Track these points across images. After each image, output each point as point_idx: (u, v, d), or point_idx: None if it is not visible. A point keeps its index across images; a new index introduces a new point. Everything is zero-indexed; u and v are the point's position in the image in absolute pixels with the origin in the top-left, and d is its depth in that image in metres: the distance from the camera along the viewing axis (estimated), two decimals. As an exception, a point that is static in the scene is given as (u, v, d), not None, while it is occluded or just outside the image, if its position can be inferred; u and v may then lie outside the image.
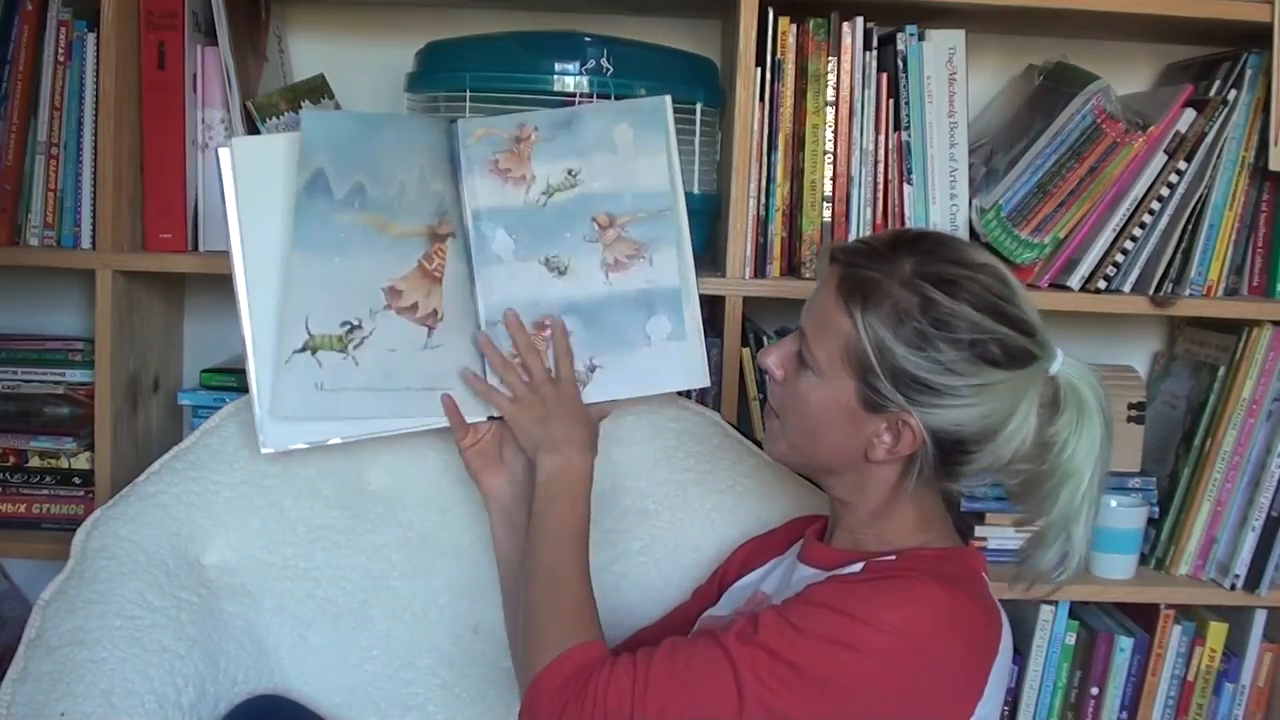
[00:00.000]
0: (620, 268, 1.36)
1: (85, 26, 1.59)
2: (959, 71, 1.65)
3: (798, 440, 1.18)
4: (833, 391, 1.13)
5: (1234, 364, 1.69)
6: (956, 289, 1.09)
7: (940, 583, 1.06)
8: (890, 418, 1.11)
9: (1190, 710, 1.75)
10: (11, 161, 1.62)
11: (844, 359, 1.11)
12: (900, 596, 1.05)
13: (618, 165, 1.36)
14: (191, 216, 1.65)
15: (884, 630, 1.03)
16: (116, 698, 1.23)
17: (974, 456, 1.12)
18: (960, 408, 1.09)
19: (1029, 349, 1.10)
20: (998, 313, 1.09)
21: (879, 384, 1.09)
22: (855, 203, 1.65)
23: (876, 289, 1.10)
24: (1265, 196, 1.74)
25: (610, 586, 1.49)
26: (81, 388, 1.73)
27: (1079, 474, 1.12)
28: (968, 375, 1.08)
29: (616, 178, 1.36)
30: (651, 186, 1.37)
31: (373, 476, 1.49)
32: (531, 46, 1.58)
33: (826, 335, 1.12)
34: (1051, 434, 1.12)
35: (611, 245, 1.36)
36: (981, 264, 1.12)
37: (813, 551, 1.24)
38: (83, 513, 1.63)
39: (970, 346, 1.08)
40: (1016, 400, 1.10)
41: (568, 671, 1.09)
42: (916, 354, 1.08)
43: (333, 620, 1.43)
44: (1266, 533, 1.68)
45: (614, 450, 1.54)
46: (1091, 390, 1.13)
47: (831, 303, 1.12)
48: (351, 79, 1.78)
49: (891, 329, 1.08)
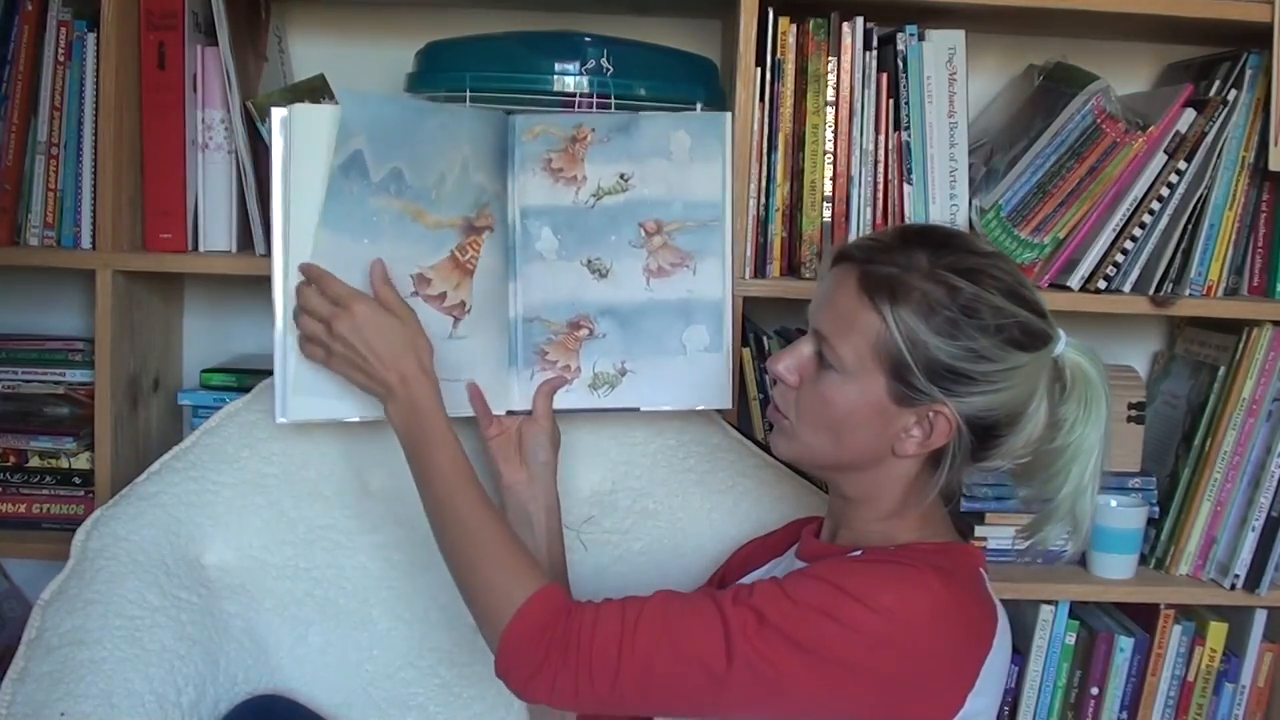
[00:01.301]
0: (663, 274, 1.37)
1: (85, 26, 1.59)
2: (959, 71, 1.65)
3: (818, 439, 1.17)
4: (861, 389, 1.13)
5: (1234, 364, 1.69)
6: (979, 276, 1.11)
7: (937, 573, 1.07)
8: (920, 411, 1.12)
9: (1190, 710, 1.75)
10: (11, 161, 1.62)
11: (875, 355, 1.11)
12: (895, 580, 1.06)
13: (671, 172, 1.37)
14: (191, 216, 1.65)
15: (875, 610, 1.03)
16: (116, 698, 1.23)
17: (1004, 440, 1.14)
18: (992, 393, 1.10)
19: (1045, 330, 1.14)
20: (1018, 297, 1.12)
21: (913, 378, 1.10)
22: (855, 203, 1.65)
23: (901, 283, 1.10)
24: (1265, 196, 1.73)
25: (612, 586, 1.49)
26: (81, 388, 1.73)
27: (1090, 450, 1.15)
28: (998, 360, 1.10)
29: (669, 184, 1.37)
30: (703, 196, 1.38)
31: (373, 477, 1.49)
32: (531, 46, 1.58)
33: (852, 334, 1.12)
34: (1063, 413, 1.15)
35: (656, 252, 1.37)
36: (993, 252, 1.16)
37: (811, 548, 1.24)
38: (83, 513, 1.63)
39: (998, 331, 1.10)
40: (1036, 381, 1.13)
41: (541, 619, 1.07)
42: (950, 343, 1.09)
43: (333, 620, 1.43)
44: (1266, 533, 1.68)
45: (614, 450, 1.54)
46: (1096, 368, 1.16)
47: (854, 300, 1.12)
48: (351, 79, 1.76)
49: (923, 320, 1.09)
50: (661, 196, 1.37)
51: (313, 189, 1.24)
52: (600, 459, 1.54)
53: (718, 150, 1.38)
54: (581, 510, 1.52)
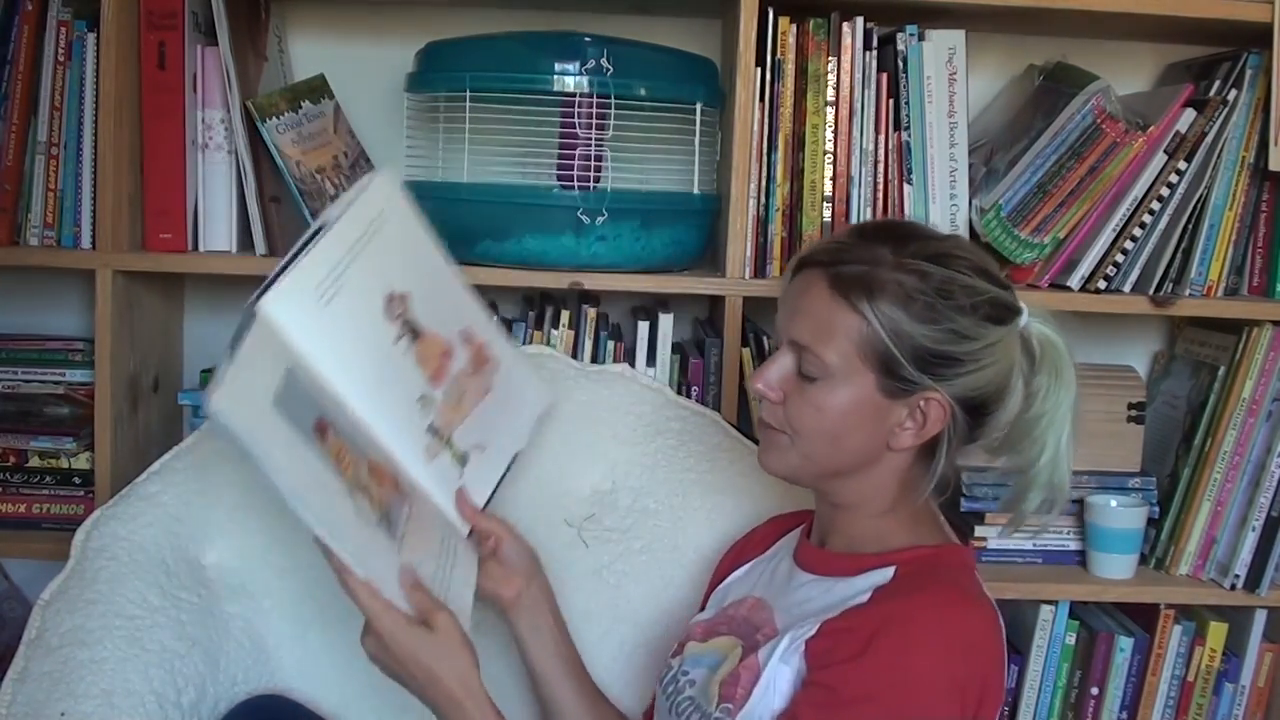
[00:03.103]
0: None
1: (85, 26, 1.59)
2: (959, 71, 1.65)
3: (817, 450, 1.16)
4: (851, 391, 1.13)
5: (1234, 364, 1.69)
6: (946, 259, 1.12)
7: (946, 611, 1.08)
8: (911, 402, 1.13)
9: (1190, 710, 1.75)
10: (11, 161, 1.62)
11: (860, 354, 1.11)
12: (921, 644, 1.06)
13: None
14: (191, 216, 1.65)
15: (929, 684, 1.05)
16: (117, 698, 1.23)
17: (994, 416, 1.15)
18: (977, 371, 1.12)
19: (1014, 303, 1.16)
20: (986, 273, 1.14)
21: (901, 369, 1.11)
22: (855, 203, 1.65)
23: (874, 278, 1.11)
24: (1265, 196, 1.74)
25: (612, 585, 1.49)
26: (81, 388, 1.73)
27: (1064, 416, 1.17)
28: (978, 338, 1.11)
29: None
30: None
31: (373, 476, 1.49)
32: (531, 46, 1.58)
33: (834, 338, 1.12)
34: (1036, 383, 1.17)
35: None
36: (950, 235, 1.19)
37: (808, 555, 1.24)
38: (83, 513, 1.63)
39: (974, 310, 1.11)
40: (1012, 353, 1.15)
41: None
42: (932, 328, 1.10)
43: (333, 620, 1.43)
44: (1266, 533, 1.68)
45: (614, 450, 1.54)
46: (1059, 335, 1.18)
47: (828, 304, 1.12)
48: (351, 79, 1.78)
49: (903, 310, 1.10)
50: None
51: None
52: (600, 459, 1.54)
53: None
54: (582, 509, 1.52)
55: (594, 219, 1.56)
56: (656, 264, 1.63)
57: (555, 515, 1.52)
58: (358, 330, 1.10)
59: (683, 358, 1.71)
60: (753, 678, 1.12)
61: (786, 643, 1.12)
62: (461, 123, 1.57)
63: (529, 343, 1.66)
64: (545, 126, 1.57)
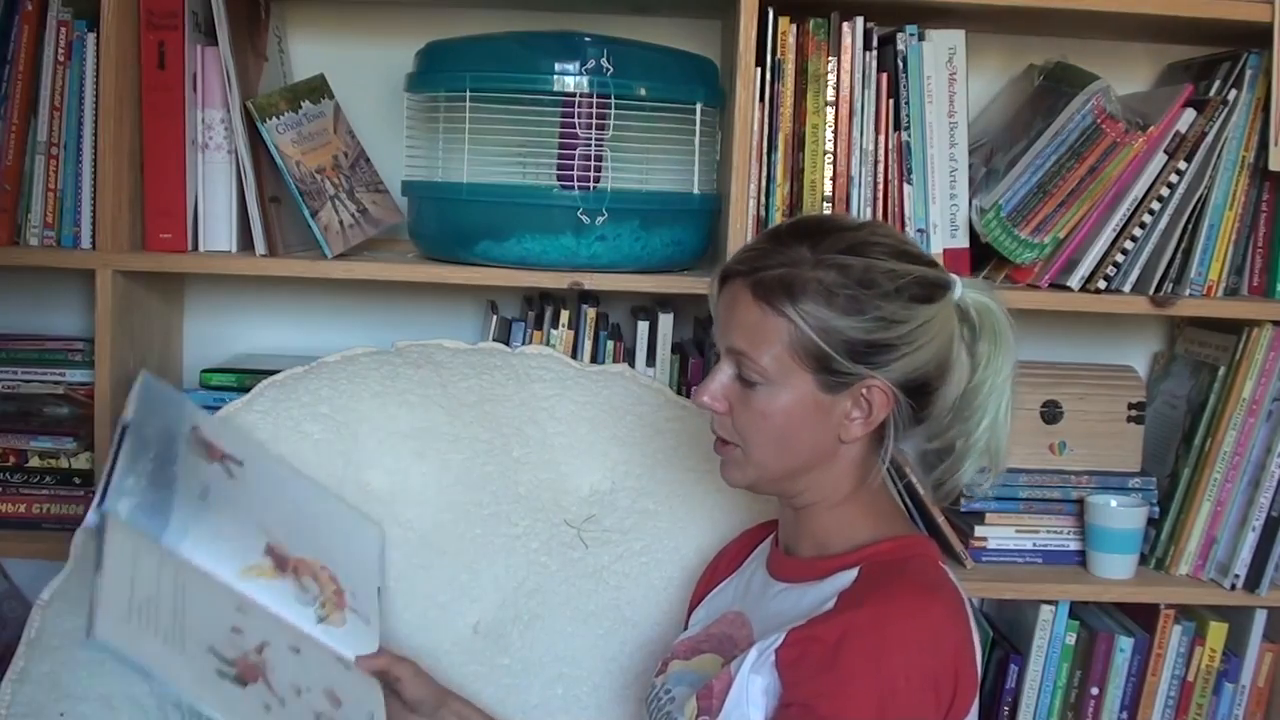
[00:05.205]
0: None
1: (85, 26, 1.59)
2: (959, 71, 1.65)
3: (769, 456, 1.18)
4: (791, 392, 1.14)
5: (1234, 364, 1.69)
6: (863, 248, 1.14)
7: (910, 606, 1.09)
8: (853, 393, 1.14)
9: (1190, 710, 1.75)
10: (11, 161, 1.62)
11: (793, 355, 1.13)
12: (888, 645, 1.07)
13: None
14: (191, 216, 1.65)
15: (903, 684, 1.06)
16: (116, 699, 1.23)
17: (939, 392, 1.17)
18: (915, 352, 1.13)
19: (941, 278, 1.17)
20: (906, 254, 1.16)
21: (835, 364, 1.12)
22: (855, 203, 1.65)
23: (794, 279, 1.13)
24: (1265, 196, 1.73)
25: (613, 585, 1.49)
26: (81, 388, 1.73)
27: (1004, 382, 1.19)
28: (908, 320, 1.13)
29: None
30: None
31: (373, 477, 1.49)
32: (531, 46, 1.58)
33: (765, 343, 1.14)
34: (979, 351, 1.19)
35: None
36: (864, 222, 1.21)
37: (778, 564, 1.25)
38: (83, 513, 1.62)
39: (899, 293, 1.12)
40: (949, 328, 1.16)
41: None
42: (859, 319, 1.11)
43: (333, 620, 1.43)
44: (1266, 533, 1.68)
45: (614, 450, 1.54)
46: (996, 302, 1.19)
47: (755, 311, 1.14)
48: (351, 79, 1.78)
49: (826, 306, 1.11)
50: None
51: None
52: (600, 459, 1.55)
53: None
54: (581, 510, 1.52)
55: (594, 219, 1.56)
56: (656, 264, 1.63)
57: (555, 515, 1.52)
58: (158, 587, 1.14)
59: (683, 358, 1.71)
60: (725, 687, 1.13)
61: (755, 654, 1.13)
62: (461, 123, 1.57)
63: (529, 342, 1.66)
64: (545, 126, 1.57)
